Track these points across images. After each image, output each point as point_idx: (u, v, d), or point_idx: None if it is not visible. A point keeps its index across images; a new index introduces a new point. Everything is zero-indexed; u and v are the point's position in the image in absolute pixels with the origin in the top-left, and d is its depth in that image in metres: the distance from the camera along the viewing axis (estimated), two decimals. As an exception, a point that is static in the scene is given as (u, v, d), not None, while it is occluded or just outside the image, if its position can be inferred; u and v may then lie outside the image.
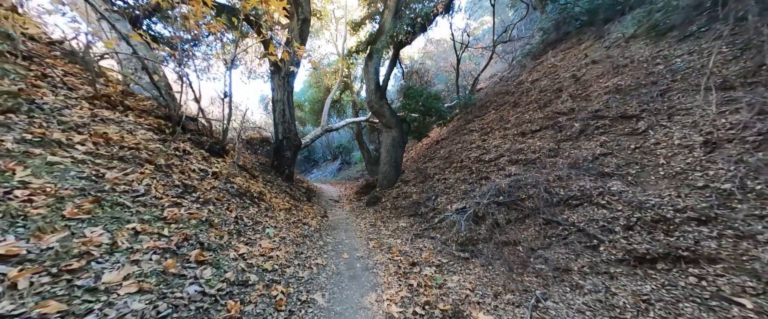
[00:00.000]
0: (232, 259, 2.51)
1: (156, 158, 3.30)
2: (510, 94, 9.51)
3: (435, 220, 5.55)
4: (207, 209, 3.16)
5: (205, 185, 3.72)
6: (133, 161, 2.97)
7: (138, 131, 3.65)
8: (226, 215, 3.39)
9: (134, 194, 2.46)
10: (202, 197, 3.33)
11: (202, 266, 2.11)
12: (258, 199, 4.82)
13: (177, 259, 2.04)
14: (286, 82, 8.48)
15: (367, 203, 8.70)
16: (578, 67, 7.72)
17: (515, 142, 6.55)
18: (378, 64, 9.39)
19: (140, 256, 1.88)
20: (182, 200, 2.93)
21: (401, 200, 7.44)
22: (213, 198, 3.51)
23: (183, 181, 3.32)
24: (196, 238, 2.40)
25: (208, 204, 3.30)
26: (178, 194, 3.02)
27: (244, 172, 5.77)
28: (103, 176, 2.42)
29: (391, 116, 9.18)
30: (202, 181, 3.77)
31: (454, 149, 8.46)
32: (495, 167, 6.14)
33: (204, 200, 3.31)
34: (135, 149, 3.15)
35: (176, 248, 2.12)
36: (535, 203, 4.37)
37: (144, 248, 1.95)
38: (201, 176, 3.88)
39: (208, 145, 5.07)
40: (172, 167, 3.46)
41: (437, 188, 6.83)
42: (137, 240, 2.00)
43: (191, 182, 3.46)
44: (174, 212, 2.53)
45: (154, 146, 3.55)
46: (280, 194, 6.44)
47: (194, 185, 3.41)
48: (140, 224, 2.12)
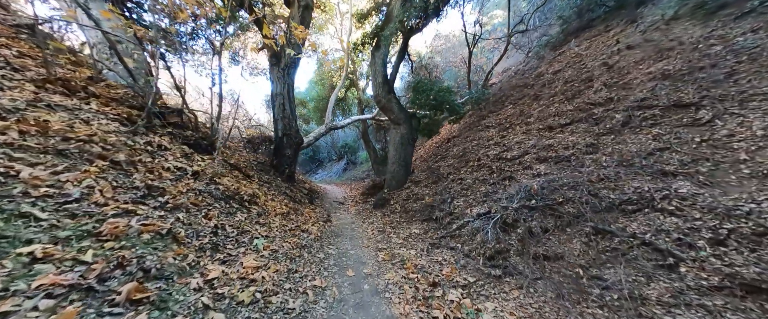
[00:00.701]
0: (192, 290, 1.83)
1: (114, 154, 2.65)
2: (529, 87, 8.74)
3: (453, 226, 4.83)
4: (175, 218, 2.49)
5: (180, 186, 3.05)
6: (77, 157, 2.31)
7: (98, 121, 3.00)
8: (201, 225, 2.72)
9: (61, 200, 1.80)
10: (172, 201, 2.67)
11: (136, 309, 1.44)
12: (249, 202, 4.16)
13: (89, 300, 1.37)
14: (286, 74, 7.83)
15: (375, 205, 8.01)
16: (609, 54, 6.92)
17: (541, 137, 5.79)
18: (386, 56, 8.70)
19: (19, 301, 1.20)
20: (138, 207, 2.26)
21: (412, 203, 6.72)
22: (187, 203, 2.84)
23: (148, 182, 2.66)
24: (139, 262, 1.73)
25: (178, 211, 2.63)
26: (136, 199, 2.36)
27: (237, 171, 5.12)
28: (17, 174, 1.76)
29: (400, 112, 8.48)
30: (176, 182, 3.11)
31: (470, 147, 7.73)
32: (520, 166, 5.40)
33: (173, 205, 2.64)
34: (85, 142, 2.50)
35: (97, 282, 1.45)
36: (577, 208, 3.63)
37: (32, 288, 1.28)
38: (176, 176, 3.22)
39: (194, 140, 4.43)
40: (135, 165, 2.80)
41: (453, 190, 6.10)
42: (27, 273, 1.33)
43: (160, 183, 2.80)
44: (116, 225, 1.86)
45: (116, 139, 2.90)
46: (277, 196, 5.78)
47: (162, 187, 2.75)
48: (45, 247, 1.45)
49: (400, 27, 7.25)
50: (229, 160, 5.14)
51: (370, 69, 8.84)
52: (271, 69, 7.98)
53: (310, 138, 12.12)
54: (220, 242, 2.67)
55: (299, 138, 7.98)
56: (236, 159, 5.87)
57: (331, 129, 13.16)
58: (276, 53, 7.92)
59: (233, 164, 5.18)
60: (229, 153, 6.07)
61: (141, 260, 1.74)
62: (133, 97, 4.13)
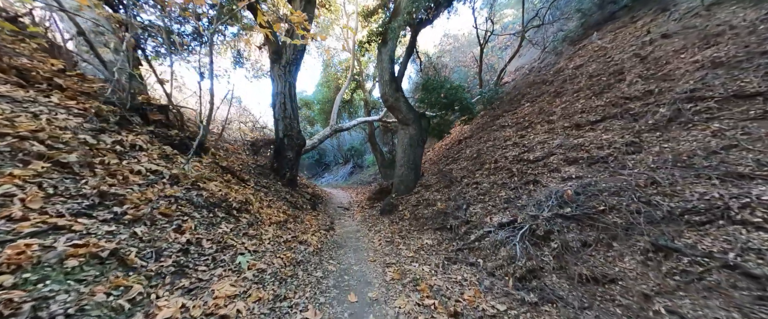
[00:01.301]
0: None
1: (63, 154, 2.16)
2: (548, 84, 8.11)
3: (470, 237, 4.25)
4: (129, 234, 1.98)
5: (150, 193, 2.55)
6: (6, 157, 1.82)
7: (53, 116, 2.53)
8: (168, 241, 2.20)
9: (-53, 215, 1.30)
10: (131, 212, 2.16)
11: None
12: (239, 210, 3.65)
13: None
14: (288, 72, 7.38)
15: (382, 211, 7.45)
16: (639, 45, 6.28)
17: (568, 136, 5.17)
18: (393, 52, 8.19)
19: None
20: (77, 221, 1.75)
21: (423, 209, 6.15)
22: (152, 214, 2.33)
23: (102, 188, 2.15)
24: (36, 308, 1.19)
25: (138, 224, 2.12)
26: (78, 211, 1.86)
27: (229, 175, 4.63)
28: None
29: (409, 111, 7.93)
30: (146, 187, 2.61)
31: (484, 148, 7.13)
32: (545, 168, 4.79)
33: (132, 217, 2.13)
34: (23, 139, 2.01)
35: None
36: (625, 218, 3.01)
37: None
38: (148, 181, 2.72)
39: (179, 140, 3.95)
40: (92, 168, 2.31)
41: (468, 195, 5.51)
42: None
43: (121, 189, 2.30)
44: (21, 250, 1.35)
45: (73, 137, 2.42)
46: (275, 203, 5.27)
47: (123, 195, 2.25)
48: None
49: (409, 19, 6.74)
50: (221, 162, 4.66)
51: (377, 66, 8.33)
52: (272, 67, 7.53)
53: (315, 140, 11.65)
54: (189, 263, 2.15)
55: (301, 139, 7.49)
56: (230, 162, 5.39)
57: (337, 131, 12.68)
58: (277, 50, 7.48)
59: (226, 167, 4.69)
60: (224, 155, 5.60)
61: (41, 303, 1.22)
62: (111, 92, 3.67)
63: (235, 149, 7.44)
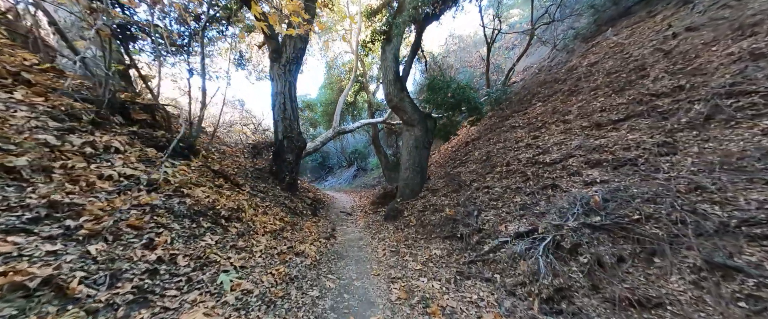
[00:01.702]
0: None
1: (13, 157, 1.83)
2: (560, 82, 7.71)
3: (484, 247, 3.86)
4: (80, 253, 1.63)
5: (119, 202, 2.21)
6: (-75, 160, 1.49)
7: (12, 114, 2.20)
8: (132, 259, 1.86)
9: None
10: (89, 226, 1.82)
11: None
12: (228, 219, 3.30)
13: None
14: (288, 71, 7.07)
15: (386, 216, 7.07)
16: (660, 40, 5.87)
17: (588, 136, 4.77)
18: (398, 50, 7.85)
19: None
20: (4, 241, 1.41)
21: (430, 215, 5.76)
22: (119, 226, 1.99)
23: (56, 197, 1.82)
24: None
25: (95, 240, 1.78)
26: (10, 226, 1.51)
27: (222, 179, 4.29)
28: None
29: (414, 112, 7.57)
30: (116, 195, 2.27)
31: (494, 150, 6.74)
32: (564, 171, 4.39)
33: (89, 232, 1.79)
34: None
35: None
36: (667, 230, 2.61)
37: None
38: (119, 188, 2.38)
39: (165, 142, 3.63)
40: (49, 172, 1.97)
41: (478, 200, 5.13)
42: None
43: (82, 198, 1.96)
44: None
45: (29, 138, 2.09)
46: (272, 209, 4.92)
47: (81, 205, 1.91)
48: None
49: (415, 14, 6.40)
50: (213, 166, 4.32)
51: (381, 65, 8.00)
52: (271, 66, 7.24)
53: (317, 143, 11.34)
54: (156, 288, 1.80)
55: (302, 141, 7.16)
56: (225, 165, 5.06)
57: (340, 133, 12.36)
58: (277, 48, 7.19)
59: (218, 171, 4.36)
60: (219, 158, 5.27)
61: None
62: (89, 89, 3.36)
63: (233, 152, 7.14)
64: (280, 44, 7.27)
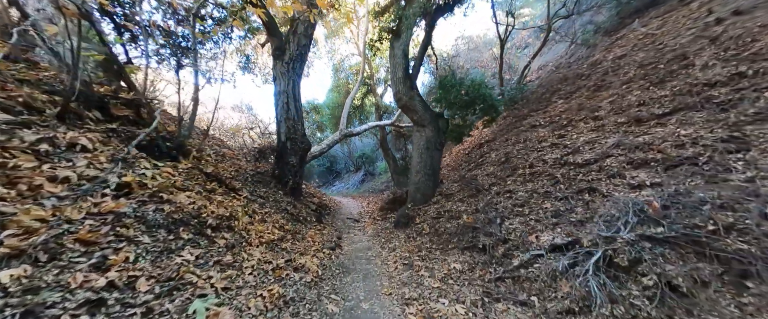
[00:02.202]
0: None
1: None
2: (584, 78, 7.14)
3: (512, 262, 3.31)
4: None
5: (71, 210, 1.77)
6: None
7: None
8: (68, 286, 1.40)
9: None
10: (9, 242, 1.37)
11: None
12: (217, 229, 2.85)
13: None
14: (291, 69, 6.68)
15: (396, 223, 6.55)
16: (702, 27, 5.29)
17: (627, 133, 4.21)
18: (407, 45, 7.40)
19: None
20: None
21: (445, 222, 5.23)
22: (61, 242, 1.54)
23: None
24: None
25: (16, 261, 1.33)
26: None
27: (215, 183, 3.86)
28: None
29: (425, 111, 7.08)
30: (71, 202, 1.83)
31: (514, 151, 6.18)
32: (602, 173, 3.84)
33: (8, 250, 1.34)
34: None
35: None
36: (758, 245, 2.05)
37: None
38: (77, 193, 1.95)
39: (148, 141, 3.21)
40: (-29, 172, 1.54)
41: (500, 206, 4.58)
42: None
43: (12, 205, 1.52)
44: None
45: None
46: (272, 216, 4.47)
47: (10, 214, 1.46)
48: None
49: (426, 5, 5.94)
50: (206, 168, 3.90)
51: (389, 62, 7.55)
52: (274, 64, 6.86)
53: (324, 146, 10.92)
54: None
55: (306, 143, 6.73)
56: (221, 168, 4.63)
57: (346, 136, 11.93)
58: (280, 46, 6.82)
59: (212, 174, 3.93)
60: (215, 160, 4.86)
61: None
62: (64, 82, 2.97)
63: (234, 155, 6.74)
64: (284, 41, 6.90)
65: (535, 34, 13.08)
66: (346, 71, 19.21)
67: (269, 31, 6.96)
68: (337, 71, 19.35)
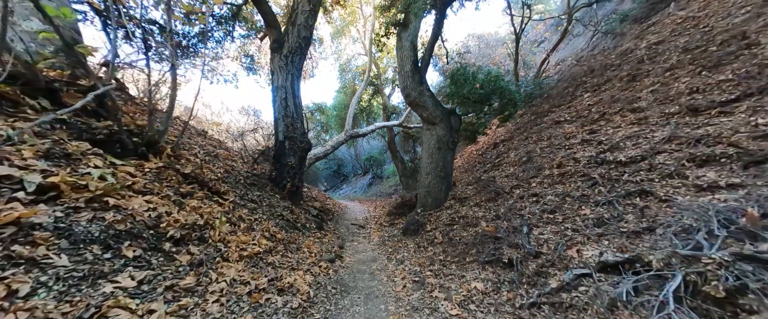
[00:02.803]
0: None
1: None
2: (613, 68, 6.43)
3: (549, 282, 2.66)
4: None
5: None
6: None
7: None
8: None
9: None
10: None
11: None
12: (181, 242, 2.29)
13: None
14: (290, 62, 6.17)
15: (405, 230, 5.93)
16: (759, 3, 4.56)
17: (680, 125, 3.53)
18: (416, 36, 6.84)
19: None
20: None
21: (460, 230, 4.59)
22: None
23: None
24: None
25: None
26: None
27: (194, 186, 3.32)
28: None
29: (435, 108, 6.46)
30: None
31: (537, 149, 5.51)
32: (654, 172, 3.17)
33: None
34: None
35: None
36: None
37: None
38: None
39: (107, 135, 2.70)
40: None
41: (526, 212, 3.93)
42: None
43: None
44: None
45: None
46: (263, 223, 3.91)
47: None
48: None
49: (437, -12, 5.36)
50: (184, 169, 3.37)
51: (397, 55, 6.98)
52: (272, 57, 6.36)
53: (328, 147, 10.40)
54: None
55: (306, 143, 6.19)
56: (206, 168, 4.10)
57: (352, 137, 11.38)
58: (278, 38, 6.33)
59: (191, 175, 3.40)
60: (202, 160, 4.34)
61: None
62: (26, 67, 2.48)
63: (229, 156, 6.24)
64: (282, 33, 6.41)
65: (551, 27, 12.36)
66: (352, 72, 18.78)
67: (267, 22, 6.48)
68: (343, 72, 18.94)
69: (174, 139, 3.59)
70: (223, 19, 10.04)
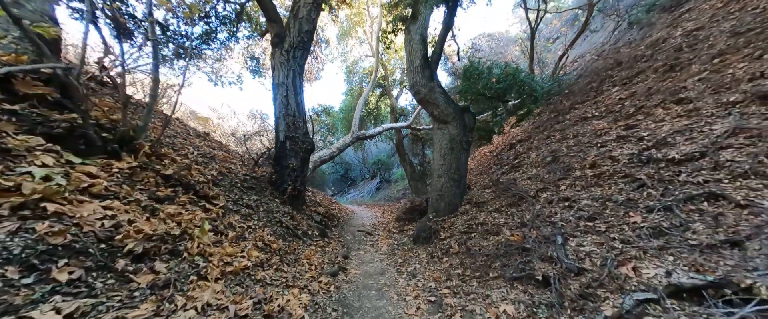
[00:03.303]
0: None
1: None
2: (645, 59, 5.85)
3: (602, 309, 2.13)
4: None
5: None
6: None
7: None
8: None
9: None
10: None
11: None
12: (144, 257, 1.85)
13: None
14: (292, 58, 5.77)
15: (415, 238, 5.42)
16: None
17: (745, 115, 2.96)
18: (425, 29, 6.36)
19: None
20: None
21: (479, 239, 4.06)
22: None
23: None
24: None
25: None
26: None
27: (178, 188, 2.90)
28: None
29: (447, 104, 5.96)
30: None
31: (562, 148, 4.97)
32: (721, 171, 2.62)
33: None
34: None
35: None
36: None
37: None
38: None
39: (68, 129, 2.29)
40: None
41: (557, 218, 3.39)
42: None
43: None
44: None
45: None
46: (256, 231, 3.47)
47: None
48: None
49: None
50: (165, 170, 2.95)
51: (405, 50, 6.51)
52: (272, 52, 5.98)
53: (334, 149, 9.98)
54: None
55: (308, 142, 5.76)
56: (195, 170, 3.69)
57: (359, 139, 10.95)
58: (279, 32, 5.95)
59: (173, 176, 2.98)
60: (192, 161, 3.93)
61: None
62: None
63: (227, 158, 5.84)
64: (284, 27, 6.03)
65: (567, 22, 11.78)
66: (359, 74, 18.45)
67: (268, 16, 6.12)
68: (350, 74, 18.61)
69: (156, 137, 3.19)
70: (228, 19, 9.82)
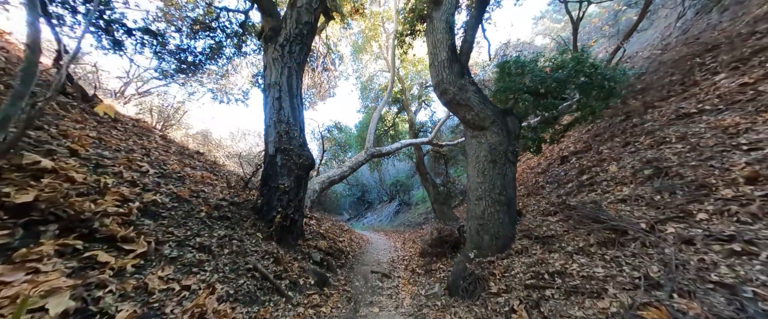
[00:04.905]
0: None
1: None
2: (759, 36, 4.28)
3: None
4: None
5: None
6: None
7: None
8: None
9: None
10: None
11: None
12: None
13: None
14: (288, 53, 4.62)
15: (451, 287, 3.86)
16: None
17: None
18: (452, 15, 5.08)
19: None
20: None
21: (562, 302, 2.49)
22: None
23: None
24: None
25: None
26: None
27: (45, 229, 1.60)
28: None
29: (484, 106, 4.54)
30: None
31: (669, 156, 3.41)
32: None
33: None
34: None
35: None
36: None
37: None
38: None
39: None
40: None
41: (723, 272, 1.81)
42: None
43: None
44: None
45: None
46: (197, 296, 2.09)
47: None
48: None
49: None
50: (16, 198, 1.68)
51: (427, 41, 5.22)
52: (265, 49, 4.86)
53: (346, 168, 8.67)
54: None
55: (306, 158, 4.44)
56: (111, 195, 2.42)
57: (374, 156, 9.62)
58: (275, 26, 4.88)
59: (35, 205, 1.70)
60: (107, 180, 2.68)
61: None
62: None
63: (206, 178, 4.61)
64: (280, 21, 4.97)
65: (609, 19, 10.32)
66: (375, 90, 17.58)
67: (263, 9, 5.10)
68: (365, 90, 17.72)
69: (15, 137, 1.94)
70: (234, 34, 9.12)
